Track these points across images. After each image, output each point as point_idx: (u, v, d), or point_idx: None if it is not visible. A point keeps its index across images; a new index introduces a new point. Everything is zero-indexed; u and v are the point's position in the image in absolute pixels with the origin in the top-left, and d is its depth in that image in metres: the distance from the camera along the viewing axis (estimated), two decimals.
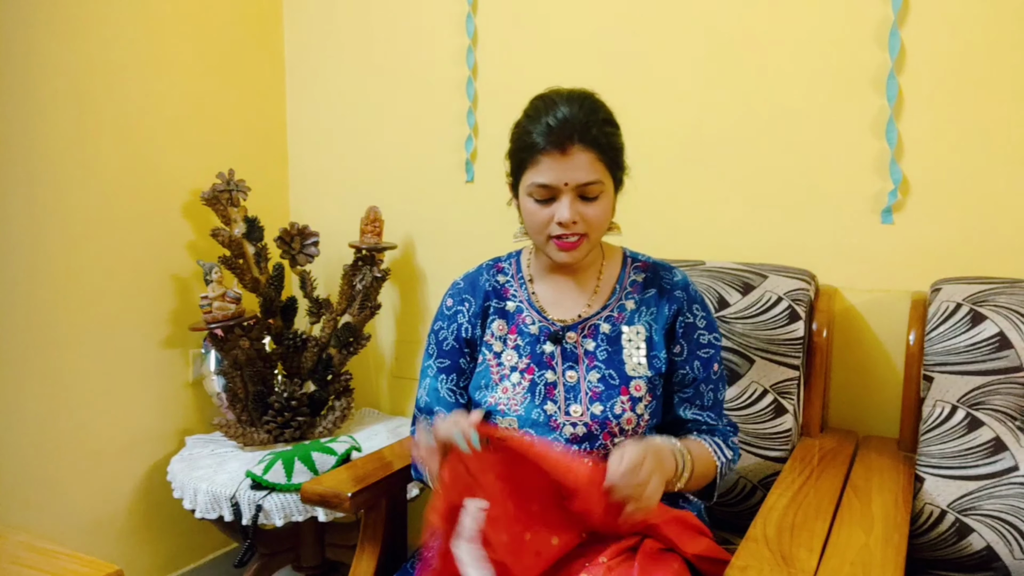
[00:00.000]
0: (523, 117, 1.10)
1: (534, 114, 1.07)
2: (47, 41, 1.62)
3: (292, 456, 1.59)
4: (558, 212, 1.06)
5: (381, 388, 2.15)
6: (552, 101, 1.06)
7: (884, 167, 1.45)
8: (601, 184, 1.06)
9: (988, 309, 1.21)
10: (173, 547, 1.94)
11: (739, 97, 1.58)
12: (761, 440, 1.38)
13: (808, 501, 1.12)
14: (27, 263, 1.62)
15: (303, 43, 2.16)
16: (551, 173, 1.04)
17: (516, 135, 1.10)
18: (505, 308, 1.19)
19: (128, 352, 1.82)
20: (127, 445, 1.83)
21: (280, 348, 1.88)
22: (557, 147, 1.03)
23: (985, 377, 1.19)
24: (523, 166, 1.08)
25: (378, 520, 1.28)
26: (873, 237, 1.48)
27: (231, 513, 1.54)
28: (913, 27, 1.41)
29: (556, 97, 1.07)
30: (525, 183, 1.08)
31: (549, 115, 1.04)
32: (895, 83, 1.42)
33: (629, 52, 1.69)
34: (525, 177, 1.08)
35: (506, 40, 1.85)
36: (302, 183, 2.22)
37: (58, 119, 1.65)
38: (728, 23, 1.58)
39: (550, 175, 1.04)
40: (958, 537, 1.17)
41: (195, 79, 1.93)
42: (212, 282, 1.72)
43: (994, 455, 1.17)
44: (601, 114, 1.07)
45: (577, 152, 1.03)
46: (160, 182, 1.86)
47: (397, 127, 2.03)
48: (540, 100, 1.09)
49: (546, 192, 1.06)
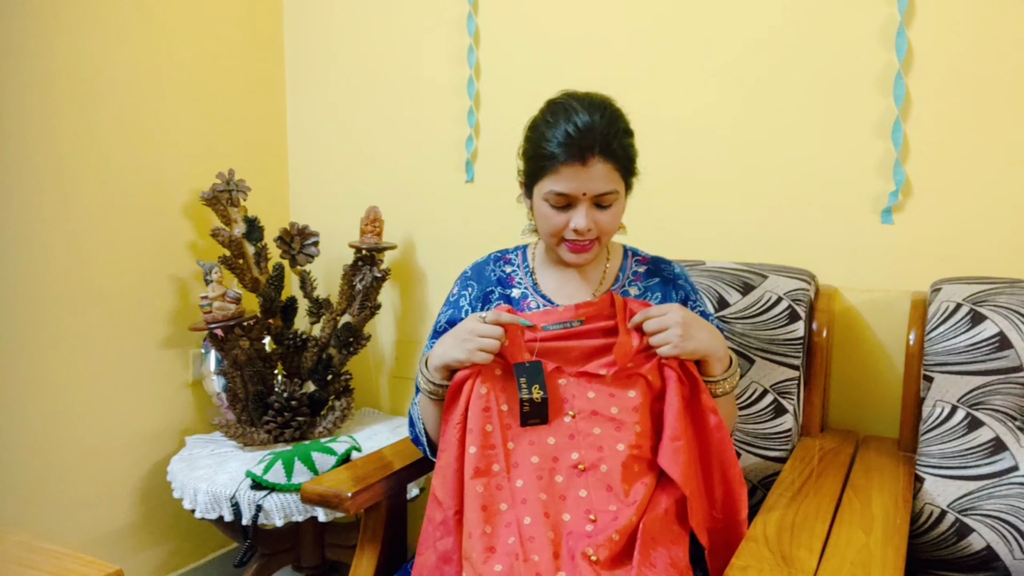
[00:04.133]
0: (540, 120, 1.09)
1: (553, 120, 1.06)
2: (47, 41, 1.62)
3: (292, 456, 1.59)
4: (574, 220, 1.07)
5: (381, 388, 2.15)
6: (572, 107, 1.06)
7: (886, 168, 1.45)
8: (617, 193, 1.08)
9: (988, 309, 1.21)
10: (173, 547, 1.94)
11: (741, 97, 1.58)
12: (761, 440, 1.38)
13: (808, 501, 1.12)
14: (27, 263, 1.62)
15: (303, 43, 2.16)
16: (571, 184, 1.05)
17: (533, 139, 1.10)
18: (511, 295, 1.21)
19: (128, 352, 1.82)
20: (127, 445, 1.83)
21: (280, 348, 1.88)
22: (578, 159, 1.03)
23: (985, 377, 1.19)
24: (541, 173, 1.08)
25: (378, 520, 1.28)
26: (873, 237, 1.48)
27: (231, 513, 1.54)
28: (920, 28, 1.41)
29: (576, 103, 1.07)
30: (542, 189, 1.08)
31: (569, 123, 1.04)
32: (903, 84, 1.42)
33: (630, 51, 1.69)
34: (543, 183, 1.08)
35: (507, 40, 1.85)
36: (302, 183, 2.22)
37: (58, 119, 1.65)
38: (732, 24, 1.58)
39: (570, 185, 1.05)
40: (958, 537, 1.17)
41: (195, 79, 1.93)
42: (212, 282, 1.72)
43: (994, 455, 1.17)
44: (621, 124, 1.08)
45: (596, 163, 1.04)
46: (160, 182, 1.86)
47: (397, 127, 2.03)
48: (559, 105, 1.09)
49: (563, 200, 1.07)
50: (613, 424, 1.06)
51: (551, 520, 1.00)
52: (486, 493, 1.02)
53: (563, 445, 1.06)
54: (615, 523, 1.00)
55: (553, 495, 1.02)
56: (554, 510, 1.01)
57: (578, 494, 1.03)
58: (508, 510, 1.01)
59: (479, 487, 1.02)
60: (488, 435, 1.05)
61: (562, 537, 1.00)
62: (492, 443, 1.05)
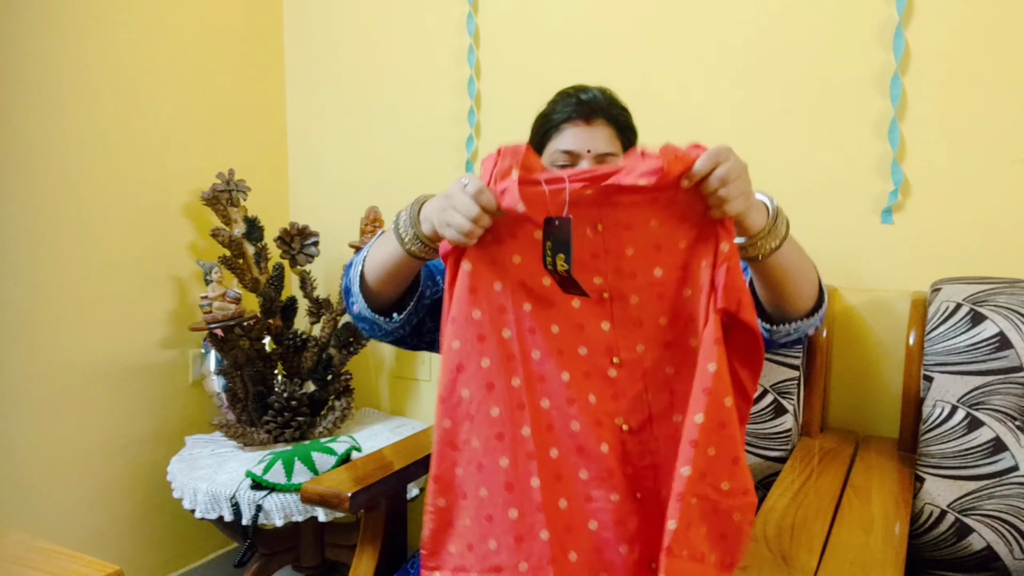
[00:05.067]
0: (548, 104, 1.16)
1: (560, 97, 1.14)
2: (47, 42, 1.62)
3: (292, 456, 1.59)
4: None
5: (381, 388, 2.15)
6: (579, 87, 1.14)
7: (885, 168, 1.45)
8: (618, 159, 1.11)
9: (988, 309, 1.20)
10: (173, 547, 1.94)
11: (740, 97, 1.58)
12: (761, 440, 1.38)
13: (808, 501, 1.12)
14: (27, 263, 1.62)
15: (303, 43, 2.16)
16: (575, 140, 1.09)
17: (541, 116, 1.16)
18: None
19: (128, 352, 1.82)
20: (127, 445, 1.83)
21: (280, 348, 1.88)
22: (583, 117, 1.10)
23: (985, 377, 1.19)
24: (547, 137, 1.13)
25: (378, 520, 1.28)
26: (873, 237, 1.48)
27: (231, 513, 1.54)
28: (917, 28, 1.41)
29: (581, 86, 1.15)
30: (548, 154, 1.12)
31: (576, 95, 1.12)
32: (899, 84, 1.42)
33: (630, 52, 1.69)
34: (549, 147, 1.12)
35: (507, 40, 1.85)
36: (302, 183, 2.22)
37: (58, 120, 1.65)
38: (731, 24, 1.58)
39: (574, 142, 1.09)
40: (958, 537, 1.17)
41: (195, 79, 1.93)
42: (212, 282, 1.72)
43: (994, 455, 1.17)
44: (621, 103, 1.15)
45: (600, 126, 1.10)
46: (160, 182, 1.86)
47: (397, 127, 2.03)
48: (566, 89, 1.16)
49: (569, 159, 1.10)
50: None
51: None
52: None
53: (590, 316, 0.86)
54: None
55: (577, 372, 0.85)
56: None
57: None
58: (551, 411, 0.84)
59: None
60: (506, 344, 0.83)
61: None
62: (511, 352, 0.84)
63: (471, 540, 0.83)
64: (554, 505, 0.81)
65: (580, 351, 0.85)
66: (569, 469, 0.83)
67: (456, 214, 0.80)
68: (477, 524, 0.83)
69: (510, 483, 0.81)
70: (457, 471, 0.84)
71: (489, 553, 0.82)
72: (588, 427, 0.84)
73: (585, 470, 0.84)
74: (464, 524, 0.84)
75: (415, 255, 0.93)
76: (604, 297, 0.86)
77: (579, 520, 0.83)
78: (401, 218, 0.93)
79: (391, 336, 1.09)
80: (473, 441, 0.83)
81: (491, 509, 0.82)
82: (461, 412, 0.83)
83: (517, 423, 0.82)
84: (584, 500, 0.84)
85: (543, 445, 0.82)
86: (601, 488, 0.84)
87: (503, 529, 0.81)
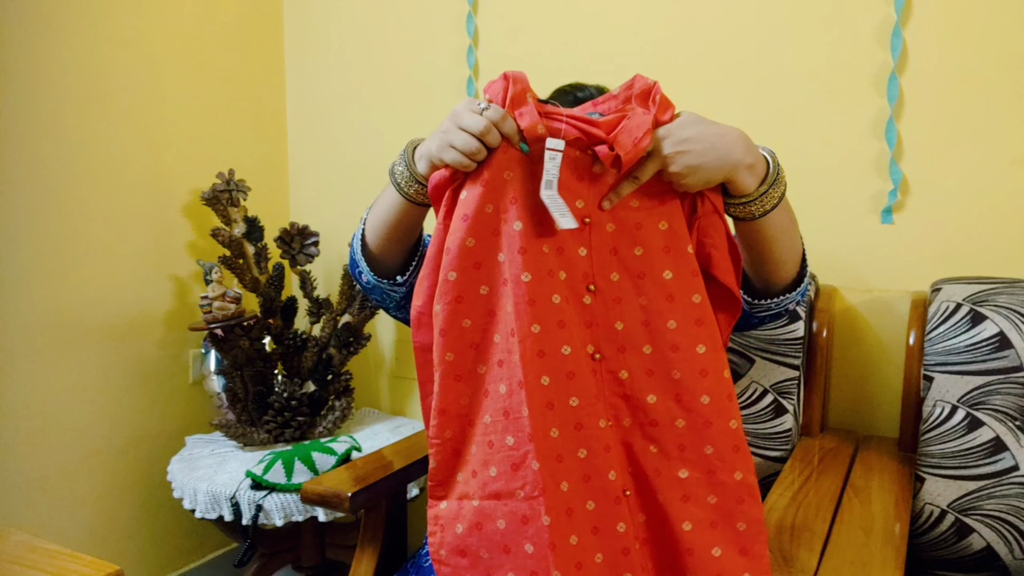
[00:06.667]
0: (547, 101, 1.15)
1: (557, 95, 1.13)
2: (48, 42, 1.62)
3: (292, 456, 1.59)
4: None
5: (381, 388, 2.15)
6: (576, 85, 1.14)
7: (884, 167, 1.45)
8: None
9: (988, 309, 1.21)
10: (173, 547, 1.94)
11: (739, 97, 1.58)
12: (761, 440, 1.38)
13: (808, 501, 1.12)
14: (27, 263, 1.62)
15: (303, 43, 2.16)
16: None
17: None
18: None
19: (128, 352, 1.82)
20: (127, 445, 1.83)
21: (280, 348, 1.88)
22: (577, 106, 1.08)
23: (985, 377, 1.19)
24: None
25: (378, 520, 1.28)
26: (873, 237, 1.48)
27: (231, 513, 1.54)
28: (915, 28, 1.41)
29: (579, 84, 1.15)
30: None
31: (573, 93, 1.11)
32: (896, 84, 1.42)
33: (629, 52, 1.69)
34: None
35: (507, 40, 1.85)
36: (302, 183, 2.22)
37: (58, 119, 1.65)
38: (729, 23, 1.58)
39: None
40: (958, 537, 1.17)
41: (195, 79, 1.93)
42: (212, 282, 1.72)
43: (994, 455, 1.17)
44: None
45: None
46: (160, 182, 1.86)
47: (397, 127, 2.03)
48: (563, 87, 1.15)
49: None
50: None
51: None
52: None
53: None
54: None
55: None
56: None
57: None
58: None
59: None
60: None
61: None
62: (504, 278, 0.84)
63: (475, 467, 0.84)
64: (546, 435, 0.81)
65: (560, 276, 0.84)
66: (560, 396, 0.83)
67: (462, 134, 0.79)
68: (481, 450, 0.84)
69: (507, 410, 0.82)
70: (463, 401, 0.85)
71: (490, 479, 0.83)
72: (576, 352, 0.84)
73: (576, 397, 0.83)
74: (471, 452, 0.85)
75: (412, 199, 0.91)
76: (585, 222, 0.85)
77: (570, 448, 0.83)
78: (396, 165, 0.92)
79: (404, 311, 1.06)
80: (480, 368, 0.84)
81: (493, 435, 0.83)
82: (465, 342, 0.84)
83: (510, 350, 0.81)
84: (575, 427, 0.83)
85: (535, 372, 0.81)
86: (590, 416, 0.84)
87: (503, 456, 0.82)
